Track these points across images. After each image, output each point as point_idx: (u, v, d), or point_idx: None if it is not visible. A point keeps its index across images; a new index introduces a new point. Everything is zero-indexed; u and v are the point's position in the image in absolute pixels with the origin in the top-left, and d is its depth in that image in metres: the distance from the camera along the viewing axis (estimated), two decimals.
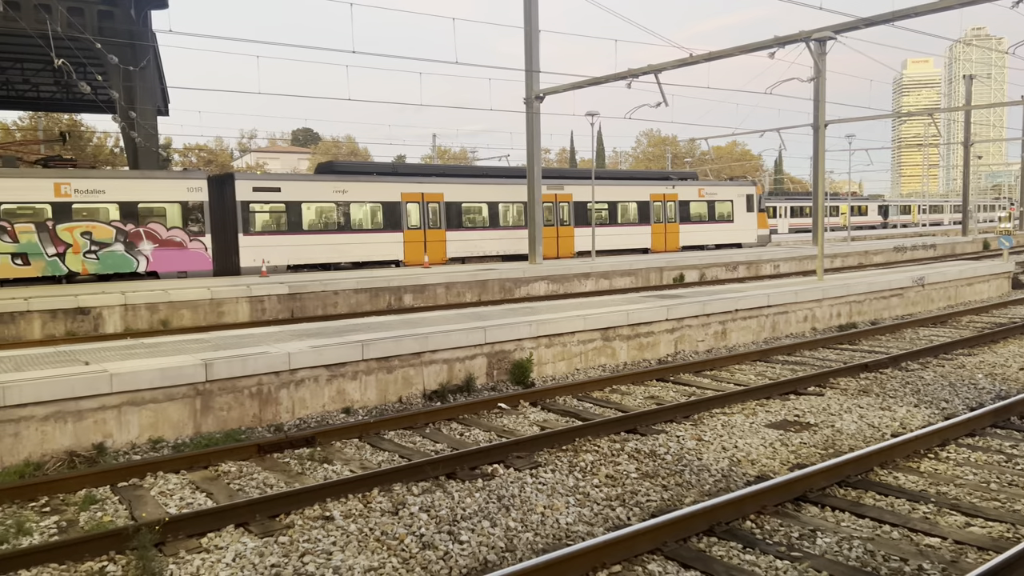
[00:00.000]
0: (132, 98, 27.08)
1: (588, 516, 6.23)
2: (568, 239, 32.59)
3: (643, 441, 8.30)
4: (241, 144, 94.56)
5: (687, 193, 36.41)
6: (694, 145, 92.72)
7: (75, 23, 23.84)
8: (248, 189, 25.36)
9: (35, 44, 27.45)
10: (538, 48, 26.57)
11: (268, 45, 43.13)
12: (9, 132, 68.80)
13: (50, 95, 39.23)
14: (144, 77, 27.43)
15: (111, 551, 5.63)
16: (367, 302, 21.27)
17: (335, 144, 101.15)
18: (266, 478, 7.43)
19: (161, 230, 23.82)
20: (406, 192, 28.37)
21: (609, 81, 24.15)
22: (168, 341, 11.24)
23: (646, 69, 22.50)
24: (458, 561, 5.41)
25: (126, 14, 26.36)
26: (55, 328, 16.84)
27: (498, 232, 30.73)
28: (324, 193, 26.84)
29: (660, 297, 15.70)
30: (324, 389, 9.88)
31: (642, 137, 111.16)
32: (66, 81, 32.02)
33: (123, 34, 26.15)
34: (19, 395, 7.71)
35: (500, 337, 11.45)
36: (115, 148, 69.52)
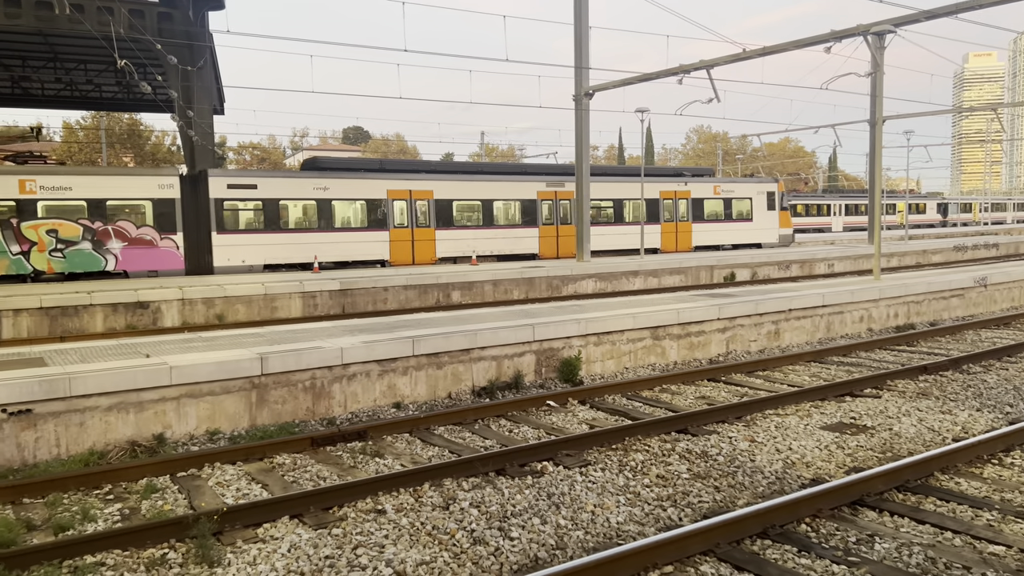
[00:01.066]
0: (189, 97, 27.76)
1: (639, 516, 6.19)
2: (569, 238, 31.15)
3: (694, 441, 8.21)
4: (293, 143, 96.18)
5: (701, 190, 34.82)
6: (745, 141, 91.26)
7: (136, 24, 24.54)
8: (222, 186, 24.72)
9: (98, 46, 28.32)
10: (588, 45, 26.44)
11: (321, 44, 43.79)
12: (73, 131, 71.12)
13: (112, 95, 40.38)
14: (201, 77, 28.08)
15: (171, 539, 5.78)
16: (416, 298, 21.45)
17: (384, 142, 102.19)
18: (319, 471, 7.54)
19: (131, 228, 23.38)
20: (392, 189, 27.44)
21: (660, 77, 23.90)
22: (224, 335, 11.50)
23: (698, 65, 22.22)
24: (508, 557, 5.43)
25: (184, 15, 27.00)
26: (116, 321, 17.36)
27: (493, 231, 29.48)
28: (304, 190, 26.06)
29: (711, 296, 15.50)
30: (375, 384, 10.00)
31: (692, 134, 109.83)
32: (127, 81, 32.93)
33: (181, 35, 26.81)
34: (84, 386, 7.98)
35: (548, 335, 11.44)
36: (172, 147, 71.33)
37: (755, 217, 36.21)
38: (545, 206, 30.76)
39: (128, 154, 68.60)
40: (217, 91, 33.55)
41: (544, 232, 30.64)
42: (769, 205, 36.63)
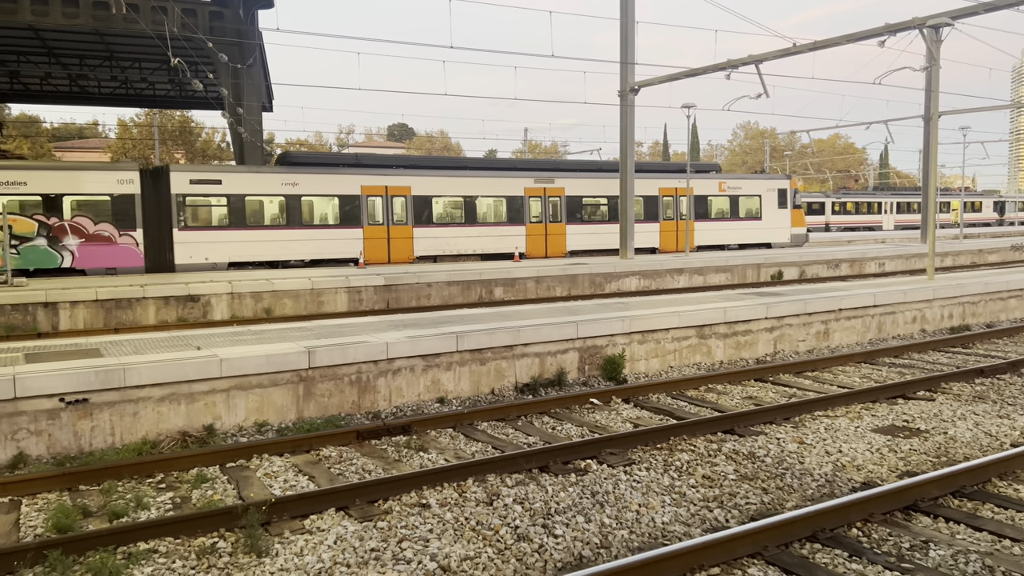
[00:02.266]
0: (239, 95, 28.26)
1: (684, 516, 6.11)
2: (559, 237, 29.89)
3: (741, 442, 8.08)
4: (339, 139, 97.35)
5: (705, 187, 33.02)
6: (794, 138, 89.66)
7: (189, 23, 25.05)
8: (184, 181, 23.93)
9: (152, 45, 29.00)
10: (634, 40, 26.23)
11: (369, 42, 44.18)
12: (127, 128, 72.97)
13: (165, 93, 41.34)
14: (251, 74, 28.58)
15: (221, 528, 5.89)
16: (459, 294, 21.53)
17: (428, 139, 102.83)
18: (364, 464, 7.62)
19: (88, 224, 22.81)
20: (367, 185, 26.39)
21: (707, 72, 23.60)
22: (272, 329, 11.68)
23: (746, 60, 21.89)
24: (552, 555, 5.41)
25: (235, 14, 27.49)
26: (167, 314, 17.77)
27: (477, 229, 28.28)
28: (271, 186, 25.12)
29: (759, 295, 15.26)
30: (420, 379, 10.06)
31: (739, 130, 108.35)
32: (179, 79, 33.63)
33: (232, 33, 27.31)
34: (138, 377, 8.18)
35: (592, 332, 11.38)
36: (222, 143, 72.77)
37: (764, 215, 34.41)
38: (533, 203, 29.30)
39: (180, 150, 70.19)
40: (266, 88, 34.12)
41: (532, 230, 29.25)
42: (780, 203, 34.77)
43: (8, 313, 16.32)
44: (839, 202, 60.22)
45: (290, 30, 19.01)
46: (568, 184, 30.09)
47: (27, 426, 7.72)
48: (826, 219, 59.54)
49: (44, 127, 73.23)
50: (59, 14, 26.20)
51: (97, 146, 75.05)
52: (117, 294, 17.24)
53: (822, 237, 49.31)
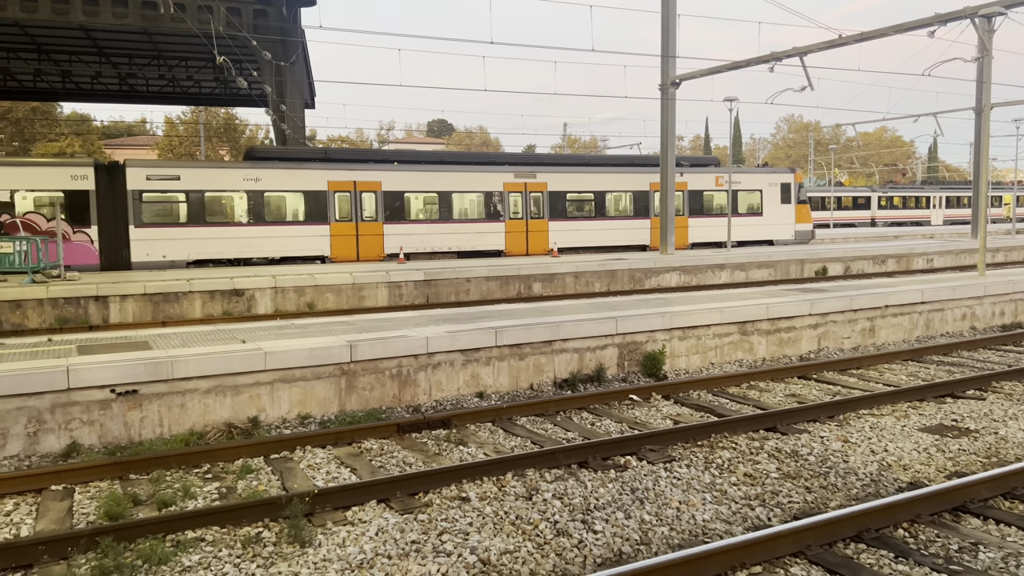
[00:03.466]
0: (282, 92, 28.68)
1: (726, 514, 6.06)
2: (540, 234, 28.78)
3: (784, 440, 7.98)
4: (380, 136, 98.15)
5: (699, 181, 31.46)
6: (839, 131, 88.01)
7: (233, 22, 25.47)
8: (141, 177, 23.31)
9: (198, 43, 29.57)
10: (675, 33, 25.97)
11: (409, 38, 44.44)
12: (173, 126, 74.48)
13: (210, 90, 42.12)
14: (293, 72, 28.97)
15: (265, 518, 6.00)
16: (497, 289, 21.59)
17: (468, 135, 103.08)
18: (405, 456, 7.69)
19: (41, 221, 22.38)
20: (334, 180, 25.56)
21: (750, 65, 23.27)
22: (315, 323, 11.84)
23: (790, 52, 21.53)
24: (592, 550, 5.41)
25: (278, 12, 27.88)
26: (213, 308, 18.13)
27: (452, 226, 27.38)
28: (232, 182, 24.39)
29: (802, 291, 15.02)
30: (459, 373, 10.12)
31: (782, 123, 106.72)
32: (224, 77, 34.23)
33: (275, 31, 27.71)
34: (185, 369, 8.37)
35: (631, 328, 11.33)
36: (265, 140, 73.89)
37: (766, 211, 32.78)
38: (513, 199, 28.26)
39: (224, 147, 71.47)
40: (308, 85, 34.56)
41: (511, 227, 28.23)
42: (783, 198, 33.08)
43: (61, 306, 16.81)
44: (885, 196, 58.94)
45: (332, 27, 19.23)
46: (551, 179, 28.97)
47: (80, 416, 7.96)
48: (872, 214, 58.33)
49: (95, 125, 75.15)
50: (109, 14, 26.86)
51: (145, 143, 76.82)
52: (164, 288, 17.63)
53: (868, 232, 48.35)
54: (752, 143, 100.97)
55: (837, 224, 55.21)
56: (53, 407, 7.84)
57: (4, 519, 6.24)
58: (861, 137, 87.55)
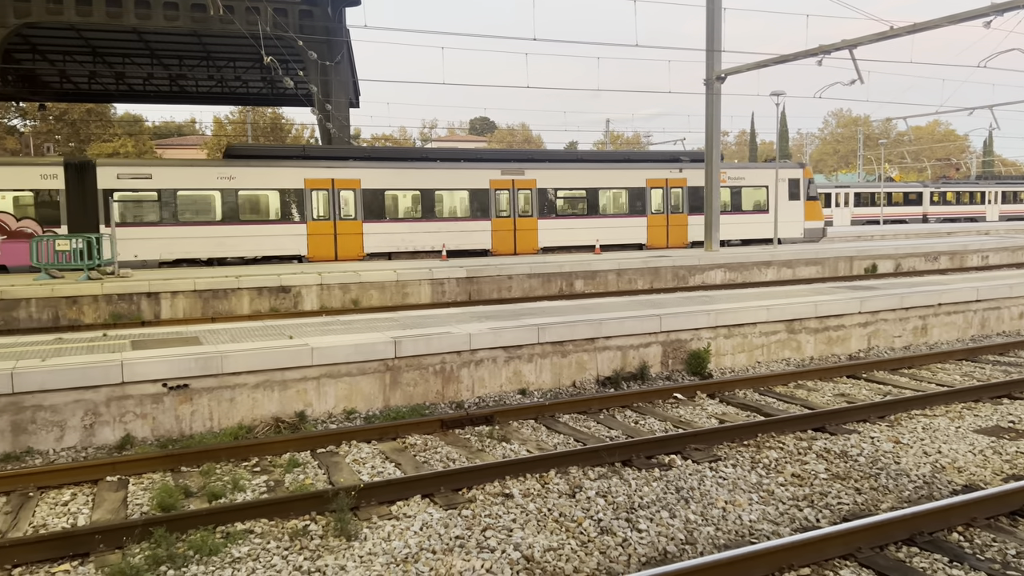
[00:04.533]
0: (328, 91, 29.04)
1: (773, 515, 5.97)
2: (530, 232, 27.79)
3: (833, 441, 7.83)
4: (423, 134, 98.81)
5: (700, 177, 29.78)
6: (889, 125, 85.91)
7: (280, 23, 25.87)
8: (112, 176, 22.97)
9: (246, 44, 30.11)
10: (721, 27, 25.64)
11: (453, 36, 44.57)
12: (222, 125, 75.97)
13: (257, 90, 42.85)
14: (338, 71, 29.31)
15: (312, 511, 6.09)
16: (539, 287, 21.57)
17: (510, 132, 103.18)
18: (448, 452, 7.74)
19: (10, 220, 22.04)
20: (311, 178, 24.90)
21: (797, 59, 22.85)
22: (360, 319, 11.97)
23: (839, 44, 21.08)
24: (637, 549, 5.38)
25: (324, 12, 28.24)
26: (261, 304, 18.45)
27: (436, 224, 26.52)
28: (206, 180, 23.94)
29: (851, 288, 14.71)
30: (502, 370, 10.14)
31: (830, 117, 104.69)
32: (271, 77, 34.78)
33: (320, 31, 28.06)
34: (235, 364, 8.53)
35: (676, 326, 11.22)
36: (311, 139, 74.94)
37: (771, 208, 30.90)
38: (500, 196, 27.37)
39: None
40: (353, 84, 34.95)
41: (498, 225, 27.36)
42: (791, 194, 31.47)
43: (115, 302, 17.27)
44: (938, 192, 57.38)
45: (377, 27, 19.37)
46: (540, 176, 28.02)
47: (133, 409, 8.17)
48: (924, 210, 56.84)
49: (147, 125, 77.06)
50: (160, 17, 27.50)
51: (195, 143, 78.51)
52: (214, 285, 17.99)
53: (919, 229, 47.14)
54: (799, 138, 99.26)
55: (887, 220, 53.94)
56: (108, 400, 8.07)
57: (62, 508, 6.44)
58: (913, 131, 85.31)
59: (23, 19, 26.74)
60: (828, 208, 52.77)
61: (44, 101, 45.50)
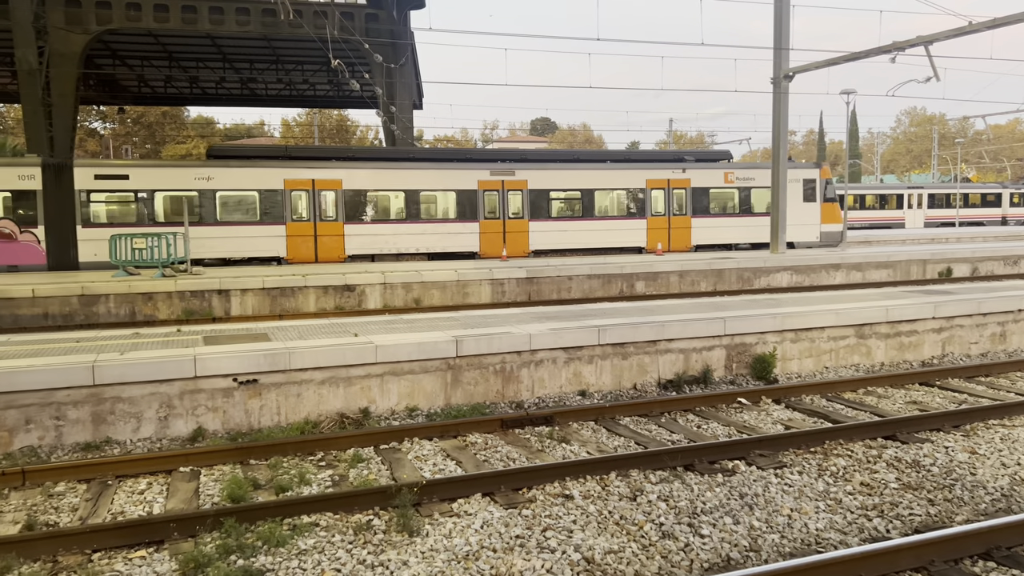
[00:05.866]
0: (392, 93, 29.45)
1: (841, 524, 5.82)
2: (520, 235, 26.83)
3: (904, 449, 7.58)
4: (484, 135, 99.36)
5: (705, 178, 28.73)
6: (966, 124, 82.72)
7: (347, 26, 26.38)
8: (89, 177, 22.93)
9: (314, 47, 30.77)
10: (789, 24, 25.09)
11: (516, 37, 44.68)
12: (289, 127, 77.82)
13: (324, 93, 43.73)
14: (403, 74, 29.70)
15: (376, 506, 6.20)
16: (599, 288, 21.47)
17: (571, 132, 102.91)
18: (508, 452, 7.77)
19: None
20: (291, 179, 24.44)
21: (869, 56, 22.21)
22: (422, 318, 12.12)
23: (915, 41, 20.41)
24: (699, 555, 5.31)
25: (389, 15, 28.66)
26: (326, 302, 18.84)
27: (420, 226, 25.81)
28: (183, 181, 23.70)
29: (925, 293, 14.23)
30: (561, 371, 10.13)
31: (903, 116, 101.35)
32: (338, 80, 35.45)
33: (386, 34, 28.50)
34: (302, 360, 8.74)
35: (740, 329, 11.03)
36: (375, 140, 76.17)
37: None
38: (488, 197, 26.50)
39: None
40: (417, 87, 35.36)
41: (486, 227, 26.53)
42: (806, 196, 29.66)
43: (188, 299, 17.87)
44: (1018, 193, 54.96)
45: (441, 29, 19.59)
46: (532, 176, 26.98)
47: (205, 403, 8.44)
48: (1003, 212, 54.52)
49: (218, 128, 79.49)
50: (233, 22, 28.34)
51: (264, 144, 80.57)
52: (281, 283, 18.45)
53: (998, 231, 45.25)
54: (870, 137, 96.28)
55: (963, 222, 51.94)
56: (182, 394, 8.36)
57: (139, 497, 6.70)
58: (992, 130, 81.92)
59: (104, 26, 27.89)
60: (900, 210, 51.15)
61: (123, 104, 47.32)
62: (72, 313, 17.12)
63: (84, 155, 58.90)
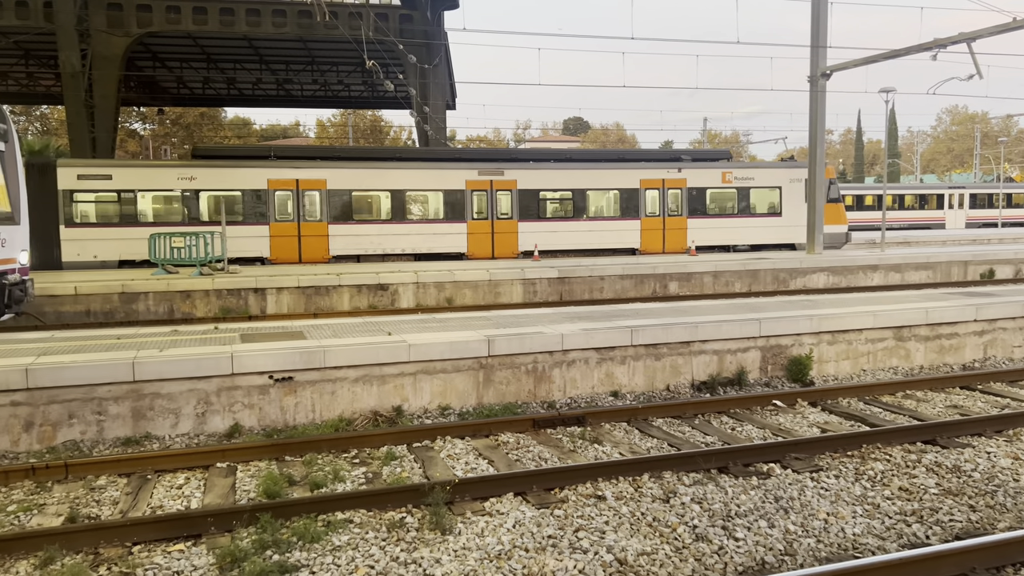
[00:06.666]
0: (426, 94, 29.62)
1: (879, 529, 5.72)
2: (509, 236, 26.41)
3: (944, 454, 7.44)
4: (516, 135, 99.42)
5: (701, 178, 28.05)
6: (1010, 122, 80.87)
7: (381, 27, 26.57)
8: (72, 176, 22.89)
9: (349, 49, 31.05)
10: (827, 21, 24.74)
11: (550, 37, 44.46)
12: (324, 128, 78.60)
13: (358, 94, 44.15)
14: (436, 74, 29.85)
15: (408, 504, 6.24)
16: (631, 288, 21.36)
17: (604, 132, 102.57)
18: (540, 451, 7.77)
19: None
20: (274, 179, 24.30)
21: (910, 53, 21.81)
22: (454, 317, 12.17)
23: (957, 37, 20.01)
24: (733, 558, 5.26)
25: (423, 16, 28.82)
26: (360, 301, 19.00)
27: (407, 226, 25.52)
28: (166, 181, 23.72)
29: (966, 295, 13.94)
30: (593, 371, 10.10)
31: (944, 114, 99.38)
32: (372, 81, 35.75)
33: (420, 35, 28.67)
34: (336, 358, 8.83)
35: (776, 331, 10.90)
36: (408, 141, 76.64)
37: (785, 211, 28.78)
38: (477, 197, 26.08)
39: None
40: (450, 87, 35.51)
41: (474, 228, 26.16)
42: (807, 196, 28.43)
43: (224, 297, 18.14)
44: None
45: (475, 29, 19.65)
46: (522, 176, 26.52)
47: (242, 399, 8.57)
48: None
49: (254, 128, 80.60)
50: (269, 24, 28.73)
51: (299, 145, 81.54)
52: (316, 282, 18.65)
53: None
54: (909, 136, 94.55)
55: (1006, 223, 50.76)
56: (219, 390, 8.49)
57: (177, 491, 6.82)
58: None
59: (145, 28, 28.45)
60: (940, 210, 50.16)
61: (162, 105, 48.26)
62: (113, 310, 17.47)
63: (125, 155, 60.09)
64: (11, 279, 11.76)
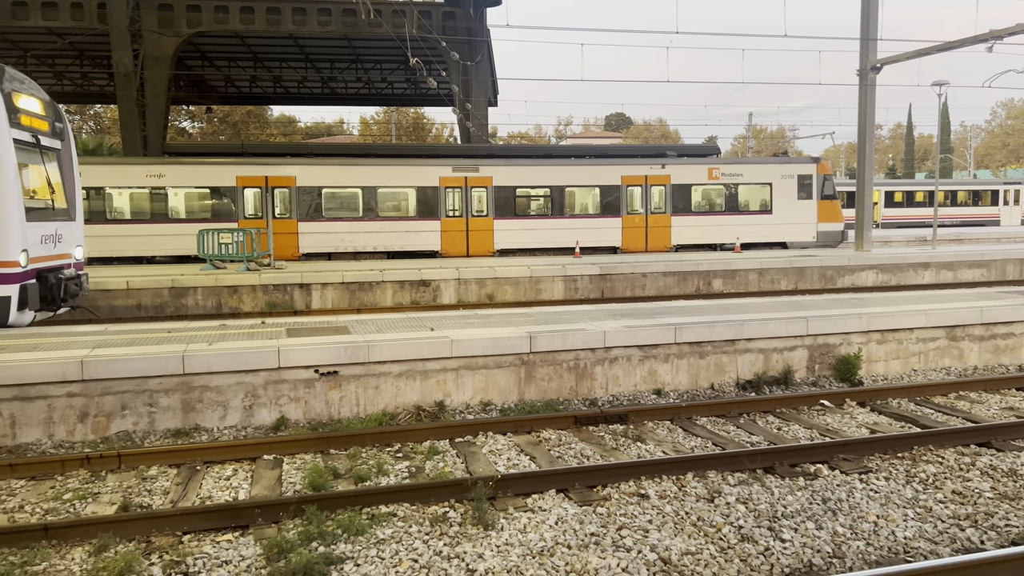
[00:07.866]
0: (468, 91, 29.71)
1: (931, 533, 5.58)
2: (484, 233, 25.86)
3: (1000, 458, 7.22)
4: (558, 131, 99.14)
5: (686, 174, 27.04)
6: None
7: (425, 24, 26.72)
8: None
9: (392, 46, 31.30)
10: (877, 14, 24.17)
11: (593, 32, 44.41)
12: (368, 125, 79.37)
13: (401, 91, 44.46)
14: (478, 71, 29.93)
15: (451, 499, 6.27)
16: (675, 285, 21.16)
17: (646, 127, 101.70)
18: (582, 449, 7.74)
19: None
20: (243, 175, 23.98)
21: (964, 45, 21.19)
22: (496, 314, 12.19)
23: (1014, 28, 19.37)
24: (780, 559, 5.18)
25: (466, 13, 28.91)
26: (402, 296, 19.15)
27: (379, 224, 24.90)
28: (134, 178, 23.35)
29: (1022, 293, 13.51)
30: (636, 369, 10.03)
31: (999, 108, 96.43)
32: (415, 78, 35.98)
33: (462, 32, 28.76)
34: (380, 353, 8.91)
35: (824, 329, 10.70)
36: (450, 138, 76.99)
37: (776, 208, 27.73)
38: (451, 194, 25.51)
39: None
40: (492, 83, 35.59)
41: (448, 225, 25.57)
42: (802, 192, 27.83)
43: (271, 292, 18.44)
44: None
45: (518, 25, 19.60)
46: (498, 172, 25.89)
47: (288, 393, 8.70)
48: None
49: (300, 126, 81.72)
50: (315, 23, 29.09)
51: (343, 142, 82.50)
52: (360, 278, 18.85)
53: None
54: (962, 131, 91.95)
55: None
56: (266, 384, 8.63)
57: (225, 483, 6.96)
58: None
59: (194, 28, 29.04)
60: (995, 206, 48.72)
61: (210, 104, 49.15)
62: (163, 305, 17.89)
63: None
64: (67, 274, 12.11)
